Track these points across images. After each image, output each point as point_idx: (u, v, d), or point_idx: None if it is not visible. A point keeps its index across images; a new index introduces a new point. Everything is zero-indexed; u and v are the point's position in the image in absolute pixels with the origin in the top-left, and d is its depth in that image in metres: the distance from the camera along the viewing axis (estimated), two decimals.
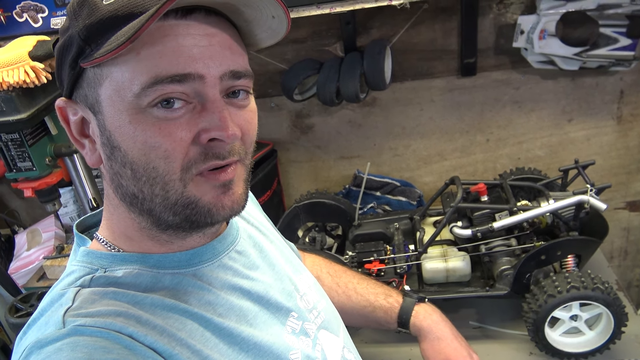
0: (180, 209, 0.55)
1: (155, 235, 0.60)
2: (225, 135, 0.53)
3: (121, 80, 0.52)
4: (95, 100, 0.54)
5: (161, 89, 0.51)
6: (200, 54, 0.52)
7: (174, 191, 0.54)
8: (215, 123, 0.53)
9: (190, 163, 0.53)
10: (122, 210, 0.60)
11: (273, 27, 0.58)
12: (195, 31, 0.52)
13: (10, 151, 1.08)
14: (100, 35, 0.51)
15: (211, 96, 0.53)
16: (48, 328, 0.52)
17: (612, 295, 0.97)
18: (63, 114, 0.59)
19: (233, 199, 0.57)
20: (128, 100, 0.52)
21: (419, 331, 0.90)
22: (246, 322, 0.62)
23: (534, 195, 1.20)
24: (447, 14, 1.37)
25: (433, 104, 1.51)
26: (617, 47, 1.25)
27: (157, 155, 0.52)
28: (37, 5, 1.19)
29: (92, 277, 0.58)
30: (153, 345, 0.53)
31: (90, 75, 0.54)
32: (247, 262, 0.68)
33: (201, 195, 0.55)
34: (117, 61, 0.51)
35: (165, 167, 0.53)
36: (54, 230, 1.60)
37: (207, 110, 0.53)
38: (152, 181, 0.54)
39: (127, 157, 0.53)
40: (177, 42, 0.51)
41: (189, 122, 0.53)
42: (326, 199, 1.36)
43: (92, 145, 0.58)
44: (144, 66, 0.51)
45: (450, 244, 1.21)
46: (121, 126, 0.53)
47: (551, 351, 1.03)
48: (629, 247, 1.67)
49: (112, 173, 0.56)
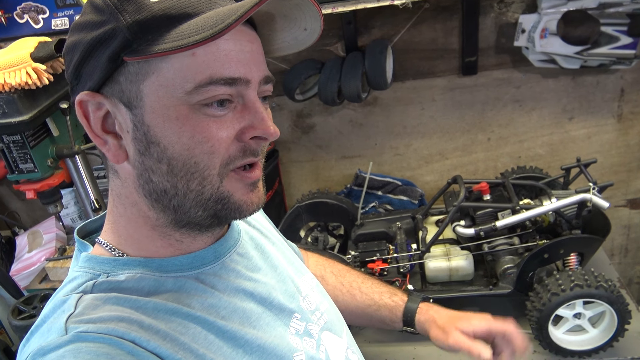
0: (212, 204, 0.57)
1: (168, 233, 0.60)
2: (269, 133, 0.57)
3: (171, 77, 0.53)
4: (135, 95, 0.54)
5: (214, 89, 0.53)
6: (246, 60, 0.55)
7: (210, 186, 0.56)
8: (259, 122, 0.57)
9: (230, 159, 0.56)
10: (137, 210, 0.59)
11: (299, 38, 0.61)
12: (240, 37, 0.55)
13: (12, 153, 1.07)
14: (151, 32, 0.52)
15: (252, 98, 0.57)
16: (50, 335, 0.52)
17: (615, 293, 0.97)
18: (83, 109, 0.57)
19: (259, 196, 0.61)
20: (177, 96, 0.53)
21: (425, 323, 0.89)
22: (249, 324, 0.62)
23: (536, 194, 1.20)
24: (448, 13, 1.37)
25: (434, 103, 1.51)
26: (618, 45, 1.25)
27: (203, 150, 0.54)
28: (38, 7, 1.19)
29: (94, 282, 0.57)
30: (156, 350, 0.53)
31: (131, 70, 0.53)
32: (249, 264, 0.68)
33: (234, 192, 0.58)
34: (169, 58, 0.52)
35: (208, 162, 0.55)
36: (55, 231, 1.59)
37: (249, 110, 0.57)
38: (190, 176, 0.55)
39: (166, 152, 0.54)
40: (228, 46, 0.54)
41: (233, 120, 0.56)
42: (328, 199, 1.36)
43: (116, 141, 0.57)
44: (199, 66, 0.52)
45: (453, 243, 1.21)
46: (165, 121, 0.54)
47: (555, 349, 1.04)
48: (629, 245, 1.68)
49: (142, 169, 0.56)
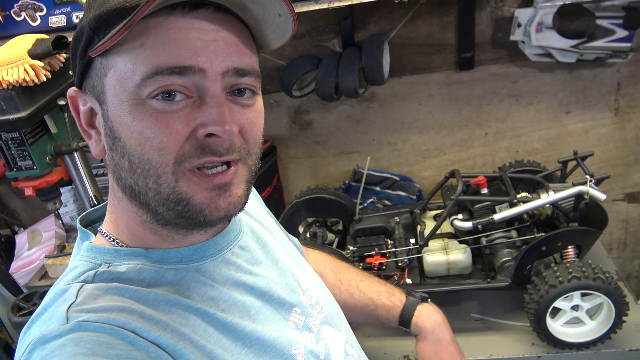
0: (172, 205, 0.55)
1: (156, 229, 0.60)
2: (222, 131, 0.52)
3: (124, 71, 0.52)
4: (101, 90, 0.55)
5: (161, 80, 0.51)
6: (203, 48, 0.52)
7: (166, 185, 0.54)
8: (213, 118, 0.52)
9: (184, 157, 0.53)
10: (125, 204, 0.60)
11: (280, 26, 0.58)
12: (200, 25, 0.52)
13: (10, 150, 1.07)
14: (108, 26, 0.51)
15: (211, 91, 0.53)
16: (52, 324, 0.52)
17: (613, 284, 0.97)
18: (74, 104, 0.59)
19: (229, 201, 0.56)
20: (129, 90, 0.52)
21: (419, 330, 0.90)
22: (249, 317, 0.62)
23: (533, 187, 1.21)
24: (445, 8, 1.38)
25: (431, 98, 1.51)
26: (613, 38, 1.25)
27: (152, 146, 0.52)
28: (35, 4, 1.19)
29: (96, 272, 0.58)
30: (156, 340, 0.53)
31: (97, 65, 0.54)
32: (250, 258, 0.68)
33: (192, 194, 0.54)
34: (122, 51, 0.52)
35: (159, 160, 0.52)
36: (54, 229, 1.60)
37: (207, 104, 0.53)
38: (146, 173, 0.53)
39: (126, 148, 0.54)
40: (180, 34, 0.51)
41: (188, 116, 0.52)
42: (326, 194, 1.37)
43: (97, 136, 0.58)
44: (146, 57, 0.51)
45: (451, 237, 1.22)
46: (121, 116, 0.53)
47: (553, 341, 1.04)
48: (627, 239, 1.68)
49: (114, 164, 0.57)
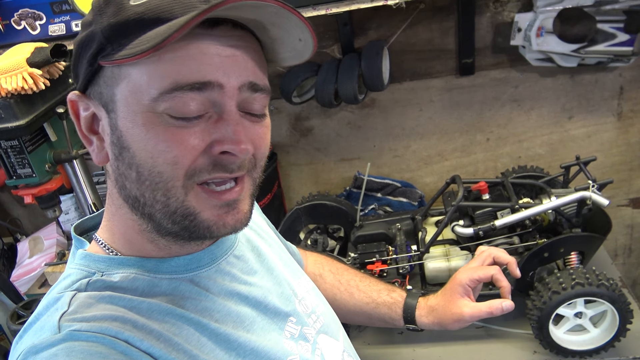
0: (179, 219, 0.54)
1: (154, 238, 0.59)
2: (238, 150, 0.53)
3: (139, 83, 0.51)
4: (110, 99, 0.54)
5: (180, 96, 0.50)
6: (221, 63, 0.52)
7: (175, 199, 0.53)
8: (229, 136, 0.53)
9: (195, 171, 0.53)
10: (125, 212, 0.59)
11: (298, 49, 0.58)
12: (219, 42, 0.52)
13: (10, 158, 1.08)
14: (124, 36, 0.50)
15: (228, 107, 0.53)
16: (43, 333, 0.52)
17: (617, 291, 0.96)
18: (74, 108, 0.58)
19: (237, 218, 0.57)
20: (144, 103, 0.51)
21: (427, 317, 0.88)
22: (243, 327, 0.61)
23: (535, 193, 1.19)
24: (444, 14, 1.37)
25: (432, 104, 1.50)
26: (615, 42, 1.25)
27: (165, 160, 0.52)
28: (34, 13, 1.20)
29: (89, 280, 0.57)
30: (149, 350, 0.52)
31: (107, 74, 0.53)
32: (245, 267, 0.68)
33: (201, 210, 0.54)
34: (137, 63, 0.51)
35: (171, 173, 0.52)
36: (55, 237, 1.60)
37: (223, 120, 0.53)
38: (155, 186, 0.53)
39: (135, 159, 0.53)
40: (199, 50, 0.51)
41: (203, 131, 0.52)
42: (327, 201, 1.36)
43: (100, 142, 0.57)
44: (164, 71, 0.50)
45: (452, 244, 1.21)
46: (134, 127, 0.52)
47: (555, 349, 1.02)
48: (633, 245, 1.66)
49: (118, 174, 0.56)
